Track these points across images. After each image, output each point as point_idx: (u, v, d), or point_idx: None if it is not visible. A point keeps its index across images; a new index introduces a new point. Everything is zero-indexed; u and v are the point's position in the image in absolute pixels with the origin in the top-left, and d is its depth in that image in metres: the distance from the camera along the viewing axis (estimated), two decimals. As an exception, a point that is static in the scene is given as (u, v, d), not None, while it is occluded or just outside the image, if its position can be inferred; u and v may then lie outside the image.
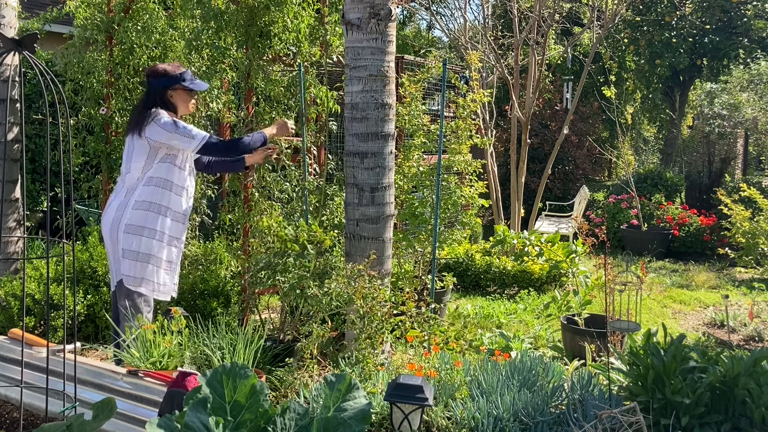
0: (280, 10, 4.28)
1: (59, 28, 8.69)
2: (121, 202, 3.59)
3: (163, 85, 3.65)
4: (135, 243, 3.54)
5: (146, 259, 3.57)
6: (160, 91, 3.65)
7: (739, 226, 7.69)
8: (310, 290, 3.78)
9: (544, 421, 2.94)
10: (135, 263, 3.56)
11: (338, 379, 1.87)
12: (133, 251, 3.54)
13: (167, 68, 3.70)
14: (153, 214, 3.57)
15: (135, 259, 3.56)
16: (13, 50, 2.68)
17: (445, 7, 10.92)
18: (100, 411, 1.99)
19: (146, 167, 3.58)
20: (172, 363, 3.68)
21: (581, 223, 5.50)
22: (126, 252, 3.55)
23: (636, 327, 3.62)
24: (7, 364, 3.68)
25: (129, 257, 3.55)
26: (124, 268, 3.57)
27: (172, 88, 3.68)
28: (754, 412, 2.81)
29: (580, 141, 11.71)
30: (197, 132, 3.61)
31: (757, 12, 12.41)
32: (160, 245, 3.61)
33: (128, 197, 3.58)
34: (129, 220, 3.53)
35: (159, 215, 3.59)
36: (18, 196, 4.95)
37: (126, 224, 3.52)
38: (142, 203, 3.56)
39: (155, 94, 3.64)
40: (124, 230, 3.53)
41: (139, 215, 3.55)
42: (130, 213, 3.54)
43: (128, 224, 3.53)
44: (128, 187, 3.61)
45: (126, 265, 3.56)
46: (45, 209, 7.52)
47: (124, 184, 3.63)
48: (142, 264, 3.57)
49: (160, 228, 3.60)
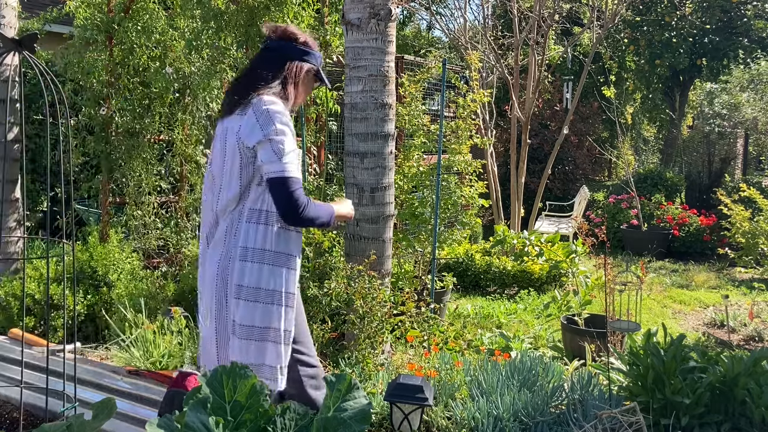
0: (280, 10, 4.29)
1: (59, 28, 8.69)
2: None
3: (299, 57, 2.47)
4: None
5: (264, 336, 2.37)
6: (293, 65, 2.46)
7: (739, 226, 7.69)
8: (310, 291, 3.79)
9: (544, 421, 2.94)
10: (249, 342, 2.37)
11: (338, 379, 1.87)
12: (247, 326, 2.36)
13: (308, 40, 2.52)
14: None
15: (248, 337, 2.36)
16: (13, 50, 2.68)
17: (445, 7, 10.93)
18: (100, 411, 1.99)
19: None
20: (172, 363, 3.68)
21: (581, 223, 5.50)
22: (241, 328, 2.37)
23: (636, 327, 3.62)
24: (7, 364, 3.69)
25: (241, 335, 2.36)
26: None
27: (305, 70, 2.50)
28: (754, 412, 2.81)
29: (580, 141, 11.71)
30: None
31: (757, 12, 12.41)
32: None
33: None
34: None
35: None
36: (18, 196, 4.95)
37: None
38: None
39: (277, 66, 2.43)
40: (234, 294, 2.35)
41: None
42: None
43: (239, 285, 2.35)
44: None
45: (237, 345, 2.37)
46: (45, 209, 7.52)
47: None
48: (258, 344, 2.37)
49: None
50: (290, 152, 2.29)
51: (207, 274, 2.41)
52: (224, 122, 2.41)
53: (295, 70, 2.44)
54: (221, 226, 2.37)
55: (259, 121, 2.27)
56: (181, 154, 5.27)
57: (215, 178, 2.42)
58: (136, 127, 5.02)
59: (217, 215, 2.40)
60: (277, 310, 2.34)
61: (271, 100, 2.32)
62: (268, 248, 2.32)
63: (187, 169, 5.37)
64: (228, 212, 2.36)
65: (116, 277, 4.48)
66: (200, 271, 2.49)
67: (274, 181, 2.27)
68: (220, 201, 2.38)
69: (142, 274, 4.68)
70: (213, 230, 2.42)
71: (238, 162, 2.31)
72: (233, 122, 2.34)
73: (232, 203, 2.35)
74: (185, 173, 5.40)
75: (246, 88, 2.37)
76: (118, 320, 4.17)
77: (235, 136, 2.31)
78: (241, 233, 2.32)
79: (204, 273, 2.45)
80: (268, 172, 2.27)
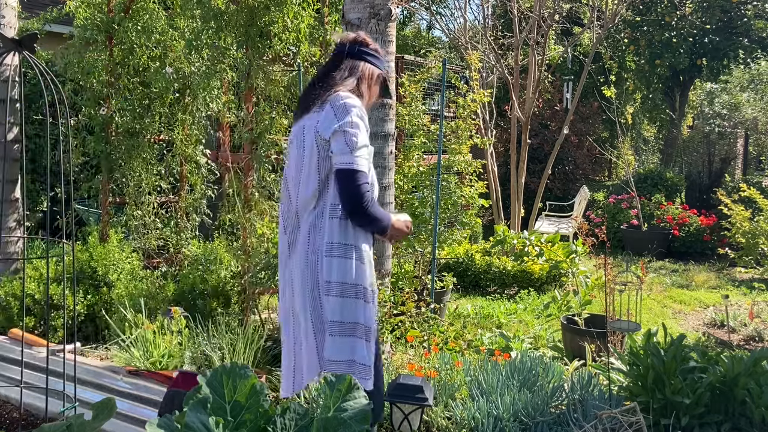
0: (280, 10, 4.28)
1: (59, 28, 8.69)
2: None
3: (371, 61, 2.52)
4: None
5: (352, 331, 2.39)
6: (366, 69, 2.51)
7: (739, 226, 7.69)
8: (310, 290, 3.78)
9: (544, 421, 2.93)
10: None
11: (338, 379, 1.87)
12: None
13: (377, 47, 2.61)
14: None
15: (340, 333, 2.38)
16: (13, 50, 2.68)
17: (445, 7, 10.93)
18: (100, 411, 1.99)
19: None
20: (172, 363, 3.68)
21: (581, 223, 5.50)
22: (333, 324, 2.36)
23: (636, 327, 3.62)
24: (7, 364, 3.69)
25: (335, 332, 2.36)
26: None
27: (376, 75, 2.56)
28: (754, 412, 2.81)
29: (580, 141, 11.71)
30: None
31: (757, 12, 12.41)
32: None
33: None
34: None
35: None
36: (18, 196, 4.95)
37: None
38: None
39: (351, 67, 2.48)
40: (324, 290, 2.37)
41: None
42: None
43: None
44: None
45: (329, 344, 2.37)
46: (45, 209, 7.52)
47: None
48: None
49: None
50: (362, 147, 2.31)
51: (296, 278, 2.38)
52: (301, 121, 2.43)
53: (368, 72, 2.50)
54: (304, 227, 2.37)
55: (336, 113, 2.30)
56: (181, 154, 5.27)
57: (290, 180, 2.42)
58: (136, 127, 5.02)
59: (298, 216, 2.40)
60: (362, 306, 2.35)
61: (347, 95, 2.38)
62: (350, 243, 2.33)
63: (187, 169, 5.37)
64: (308, 211, 2.36)
65: (116, 277, 4.48)
66: (283, 277, 2.46)
67: (343, 173, 2.28)
68: (300, 198, 2.38)
69: (142, 274, 4.68)
70: (295, 232, 2.40)
71: (317, 157, 2.32)
72: (311, 119, 2.37)
73: (311, 201, 2.35)
74: (185, 173, 5.40)
75: (322, 87, 2.41)
76: (118, 320, 4.17)
77: (314, 130, 2.33)
78: (325, 229, 2.33)
79: (290, 278, 2.42)
80: (338, 162, 2.29)
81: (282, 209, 2.50)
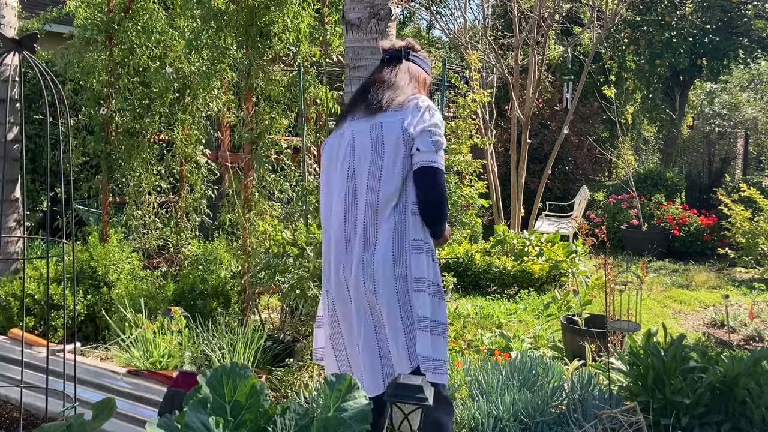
0: (280, 10, 4.28)
1: (59, 28, 8.69)
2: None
3: (424, 68, 2.58)
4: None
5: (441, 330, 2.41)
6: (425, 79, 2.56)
7: (739, 226, 7.69)
8: (310, 291, 3.78)
9: (544, 421, 2.94)
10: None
11: (338, 379, 1.87)
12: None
13: (426, 54, 2.66)
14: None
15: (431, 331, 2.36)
16: (13, 50, 2.68)
17: (445, 7, 10.93)
18: (100, 411, 1.99)
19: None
20: (172, 363, 3.69)
21: (581, 223, 5.50)
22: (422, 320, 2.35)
23: (636, 327, 3.62)
24: (7, 364, 3.69)
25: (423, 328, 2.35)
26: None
27: (429, 81, 2.62)
28: (754, 412, 2.81)
29: (580, 141, 11.71)
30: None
31: (757, 12, 12.41)
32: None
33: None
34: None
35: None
36: (18, 196, 4.95)
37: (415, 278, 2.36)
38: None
39: (411, 76, 2.52)
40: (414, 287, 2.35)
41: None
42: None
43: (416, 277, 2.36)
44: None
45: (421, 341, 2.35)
46: (45, 209, 7.52)
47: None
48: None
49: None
50: (443, 148, 2.37)
51: (378, 275, 2.34)
52: (371, 119, 2.40)
53: (422, 77, 2.55)
54: (387, 224, 2.35)
55: (423, 113, 2.34)
56: (181, 154, 5.27)
57: (361, 174, 2.38)
58: (136, 127, 5.02)
59: (378, 211, 2.36)
60: (442, 303, 2.39)
61: (426, 98, 2.43)
62: (428, 240, 2.38)
63: (187, 169, 5.37)
64: (390, 208, 2.35)
65: (116, 277, 4.48)
66: (338, 276, 2.41)
67: (427, 170, 2.32)
68: (382, 194, 2.35)
69: (142, 274, 4.68)
70: (373, 228, 2.36)
71: (402, 153, 2.33)
72: (392, 117, 2.37)
73: (393, 198, 2.34)
74: (185, 173, 5.40)
75: (389, 89, 2.43)
76: (118, 320, 4.17)
77: (399, 128, 2.34)
78: (410, 226, 2.35)
79: (361, 276, 2.37)
80: (423, 160, 2.32)
81: (339, 207, 2.43)
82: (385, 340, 2.38)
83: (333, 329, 2.48)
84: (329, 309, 2.48)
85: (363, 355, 2.40)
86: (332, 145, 2.50)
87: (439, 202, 2.35)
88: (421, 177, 2.33)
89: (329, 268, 2.46)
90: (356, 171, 2.40)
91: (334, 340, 2.48)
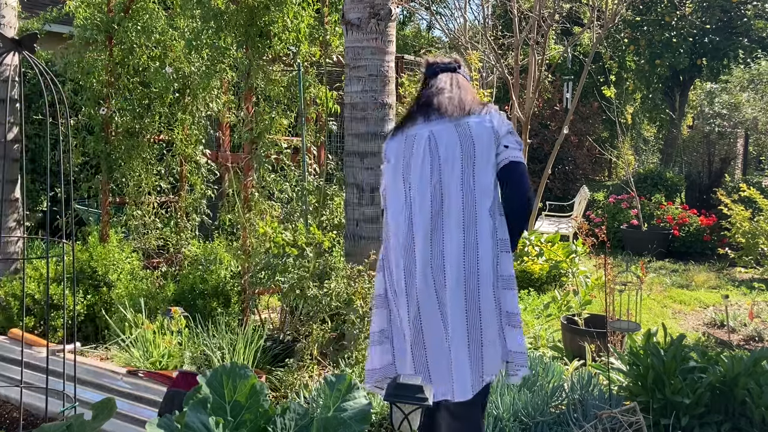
0: (280, 10, 4.28)
1: (59, 28, 8.69)
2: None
3: (467, 79, 2.74)
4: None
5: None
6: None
7: (739, 226, 7.69)
8: (310, 291, 3.79)
9: (544, 421, 2.94)
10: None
11: (338, 379, 1.87)
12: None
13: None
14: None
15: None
16: (13, 50, 2.68)
17: (445, 7, 10.93)
18: (100, 411, 1.99)
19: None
20: (171, 363, 3.68)
21: (581, 223, 5.50)
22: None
23: (636, 327, 3.62)
24: (7, 364, 3.69)
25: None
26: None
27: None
28: (754, 412, 2.81)
29: (580, 141, 11.71)
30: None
31: (757, 12, 12.42)
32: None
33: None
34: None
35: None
36: (18, 196, 4.95)
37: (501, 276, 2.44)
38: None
39: (462, 87, 2.64)
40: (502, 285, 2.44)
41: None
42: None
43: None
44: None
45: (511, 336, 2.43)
46: (45, 209, 7.51)
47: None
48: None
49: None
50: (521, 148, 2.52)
51: (483, 271, 2.38)
52: (458, 120, 2.47)
53: (469, 88, 2.69)
54: (484, 224, 2.40)
55: (502, 117, 2.52)
56: (181, 154, 5.27)
57: (450, 168, 2.42)
58: (136, 127, 5.02)
59: (475, 208, 2.40)
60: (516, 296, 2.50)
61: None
62: (509, 239, 2.47)
63: (187, 169, 5.37)
64: (486, 208, 2.41)
65: (116, 277, 4.48)
66: (425, 275, 2.40)
67: (518, 165, 2.45)
68: (477, 191, 2.41)
69: (142, 274, 4.68)
70: (471, 223, 2.39)
71: (494, 152, 2.44)
72: (477, 118, 2.47)
73: (489, 193, 2.42)
74: (185, 173, 5.40)
75: (459, 96, 2.56)
76: (118, 320, 4.17)
77: (490, 129, 2.44)
78: (500, 226, 2.44)
79: (451, 273, 2.38)
80: (513, 156, 2.44)
81: (425, 204, 2.43)
82: (479, 341, 2.38)
83: (415, 336, 2.41)
84: (410, 313, 2.41)
85: (456, 360, 2.37)
86: (397, 147, 2.53)
87: (525, 197, 2.47)
88: (510, 171, 2.45)
89: (411, 266, 2.41)
90: (442, 168, 2.43)
91: (415, 348, 2.42)
